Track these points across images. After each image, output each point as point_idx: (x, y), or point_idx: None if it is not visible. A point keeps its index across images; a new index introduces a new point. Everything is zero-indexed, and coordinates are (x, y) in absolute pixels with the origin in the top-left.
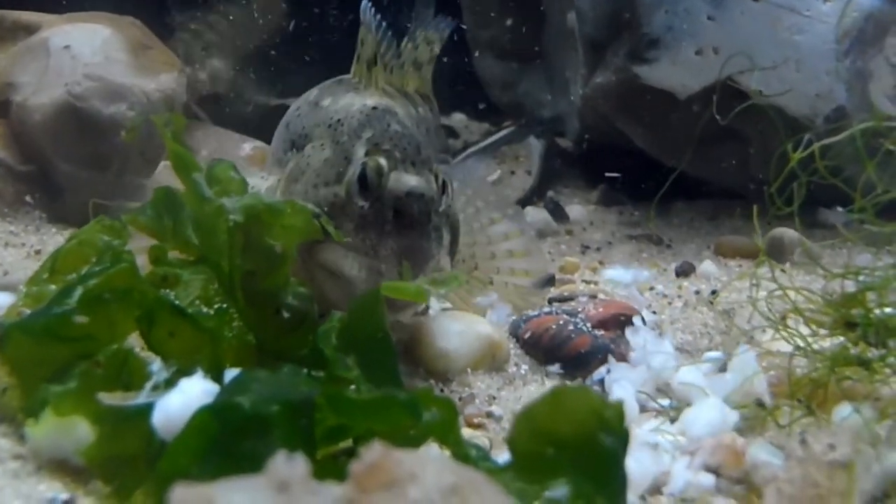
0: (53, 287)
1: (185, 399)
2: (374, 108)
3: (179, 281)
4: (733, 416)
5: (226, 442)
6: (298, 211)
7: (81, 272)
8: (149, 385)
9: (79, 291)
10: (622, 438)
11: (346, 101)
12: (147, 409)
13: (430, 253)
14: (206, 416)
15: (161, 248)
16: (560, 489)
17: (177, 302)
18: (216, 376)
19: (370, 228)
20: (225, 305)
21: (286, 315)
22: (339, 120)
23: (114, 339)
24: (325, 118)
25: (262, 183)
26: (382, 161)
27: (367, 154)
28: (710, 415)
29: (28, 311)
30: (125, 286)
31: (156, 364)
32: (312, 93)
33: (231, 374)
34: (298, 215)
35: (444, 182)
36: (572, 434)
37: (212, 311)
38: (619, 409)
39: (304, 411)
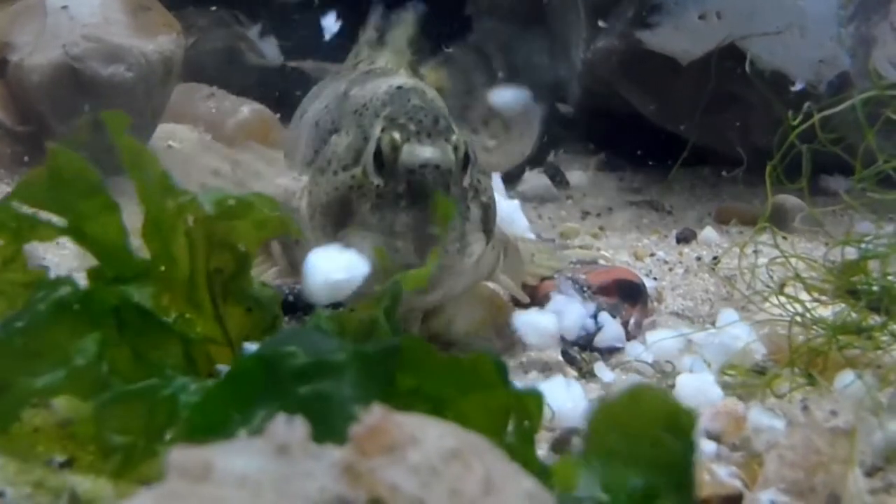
0: None
1: None
2: (400, 87)
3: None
4: (717, 391)
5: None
6: (266, 203)
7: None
8: None
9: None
10: (692, 445)
11: (372, 85)
12: None
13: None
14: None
15: (97, 269)
16: (638, 480)
17: None
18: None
19: (386, 206)
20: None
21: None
22: (364, 104)
23: None
24: (351, 106)
25: (296, 184)
26: (396, 135)
27: (382, 130)
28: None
29: None
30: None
31: None
32: (341, 86)
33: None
34: (265, 208)
35: (466, 154)
36: (647, 433)
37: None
38: (692, 416)
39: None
